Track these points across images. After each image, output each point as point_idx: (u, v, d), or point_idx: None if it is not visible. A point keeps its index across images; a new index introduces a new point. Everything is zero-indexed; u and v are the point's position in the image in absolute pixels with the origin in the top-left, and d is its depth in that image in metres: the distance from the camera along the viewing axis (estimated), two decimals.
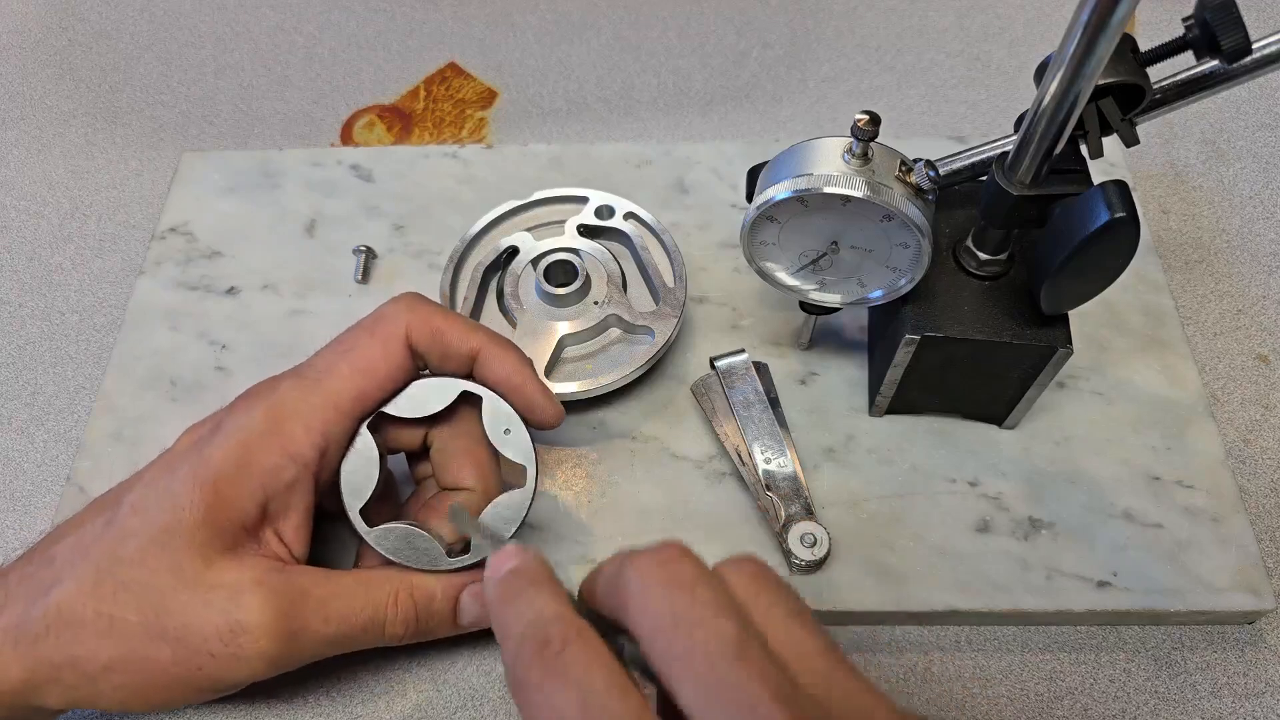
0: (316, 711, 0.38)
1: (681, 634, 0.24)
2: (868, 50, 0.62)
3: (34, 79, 0.62)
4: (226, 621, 0.31)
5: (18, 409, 0.47)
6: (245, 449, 0.32)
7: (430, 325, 0.34)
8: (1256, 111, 0.57)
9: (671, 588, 0.25)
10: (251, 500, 0.32)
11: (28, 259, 0.53)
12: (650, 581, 0.25)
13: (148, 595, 0.31)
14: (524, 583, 0.28)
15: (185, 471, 0.32)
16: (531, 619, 0.26)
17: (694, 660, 0.23)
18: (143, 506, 0.32)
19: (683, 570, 0.25)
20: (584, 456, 0.43)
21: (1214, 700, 0.38)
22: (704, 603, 0.24)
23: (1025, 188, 0.34)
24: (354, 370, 0.34)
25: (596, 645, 0.25)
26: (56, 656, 0.31)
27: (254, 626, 0.31)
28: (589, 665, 0.24)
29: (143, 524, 0.32)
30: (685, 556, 0.26)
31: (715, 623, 0.24)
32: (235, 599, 0.31)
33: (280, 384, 0.34)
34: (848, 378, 0.45)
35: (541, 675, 0.24)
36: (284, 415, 0.33)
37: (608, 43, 0.63)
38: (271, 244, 0.50)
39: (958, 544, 0.40)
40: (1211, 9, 0.31)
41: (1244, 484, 0.43)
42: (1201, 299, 0.49)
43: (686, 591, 0.25)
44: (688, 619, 0.24)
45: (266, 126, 0.59)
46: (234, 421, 0.33)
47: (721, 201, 0.51)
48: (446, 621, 0.35)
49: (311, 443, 0.33)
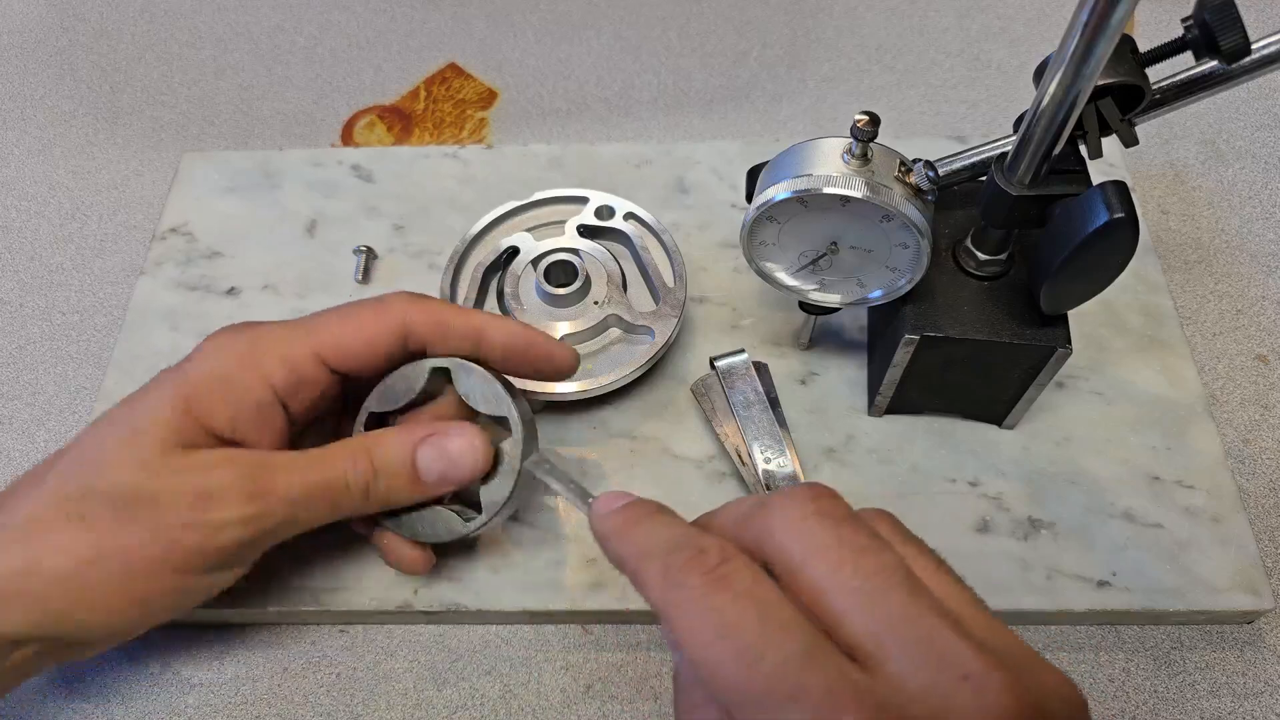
0: (316, 711, 0.38)
1: (849, 560, 0.23)
2: (868, 50, 0.62)
3: (34, 79, 0.62)
4: (193, 490, 0.31)
5: (18, 409, 0.47)
6: (221, 368, 0.33)
7: (432, 315, 0.35)
8: (1256, 111, 0.57)
9: (827, 520, 0.24)
10: (223, 413, 0.33)
11: (28, 259, 0.53)
12: (805, 512, 0.25)
13: (117, 490, 0.31)
14: (647, 511, 0.27)
15: (160, 383, 0.33)
16: (674, 536, 0.25)
17: (864, 588, 0.23)
18: (115, 417, 0.33)
19: (837, 505, 0.25)
20: (584, 456, 0.43)
21: (1213, 700, 0.38)
22: (866, 535, 0.24)
23: (1025, 188, 0.34)
24: (340, 319, 0.35)
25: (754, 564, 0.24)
26: (21, 563, 0.30)
27: (222, 490, 0.31)
28: (756, 578, 0.24)
29: (113, 431, 0.32)
30: (837, 496, 0.26)
31: (881, 553, 0.24)
32: (203, 472, 0.31)
33: (262, 323, 0.35)
34: (848, 378, 0.45)
35: (706, 585, 0.23)
36: (261, 345, 0.34)
37: (608, 43, 0.63)
38: (272, 244, 0.50)
39: (958, 544, 0.40)
40: (1211, 9, 0.31)
41: (1244, 484, 0.43)
42: (1201, 299, 0.49)
43: (846, 522, 0.25)
44: (852, 547, 0.24)
45: (267, 127, 0.59)
46: (213, 344, 0.34)
47: (721, 201, 0.51)
48: (406, 477, 0.34)
49: (286, 374, 0.33)
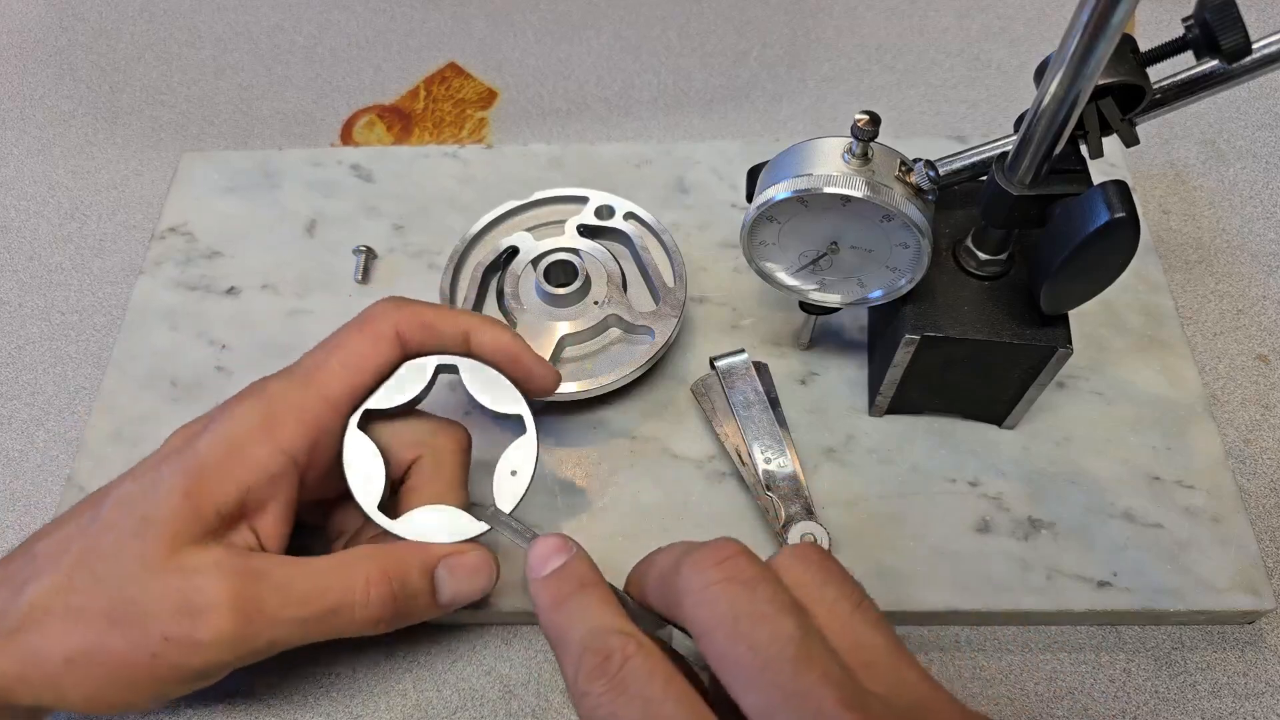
0: (316, 711, 0.38)
1: (743, 634, 0.24)
2: (868, 50, 0.62)
3: (34, 79, 0.62)
4: (178, 602, 0.30)
5: (18, 409, 0.47)
6: (236, 443, 0.32)
7: (419, 318, 0.35)
8: (1256, 111, 0.57)
9: (731, 586, 0.25)
10: (233, 489, 0.31)
11: (28, 259, 0.53)
12: (709, 579, 0.25)
13: (115, 587, 0.30)
14: (574, 586, 0.28)
15: (173, 465, 0.32)
16: (589, 630, 0.26)
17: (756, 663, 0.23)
18: (126, 500, 0.32)
19: (741, 567, 0.25)
20: (584, 456, 0.43)
21: (1214, 700, 0.38)
22: (765, 600, 0.24)
23: (1025, 188, 0.34)
24: (343, 366, 0.34)
25: (656, 657, 0.25)
26: (26, 653, 0.30)
27: (207, 606, 0.30)
28: (650, 678, 0.24)
29: (122, 516, 0.31)
30: (744, 554, 0.26)
31: (776, 622, 0.23)
32: (189, 579, 0.30)
33: (270, 383, 0.34)
34: (848, 378, 0.45)
35: (605, 689, 0.24)
36: (276, 410, 0.33)
37: (608, 43, 0.63)
38: (271, 244, 0.50)
39: (958, 544, 0.40)
40: (1211, 9, 0.31)
41: (1244, 484, 0.43)
42: (1201, 299, 0.49)
43: (747, 589, 0.24)
44: (749, 618, 0.24)
45: (266, 126, 0.59)
46: (225, 416, 0.33)
47: (721, 201, 0.51)
48: (425, 601, 0.34)
49: (303, 434, 0.32)
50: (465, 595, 0.34)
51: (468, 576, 0.34)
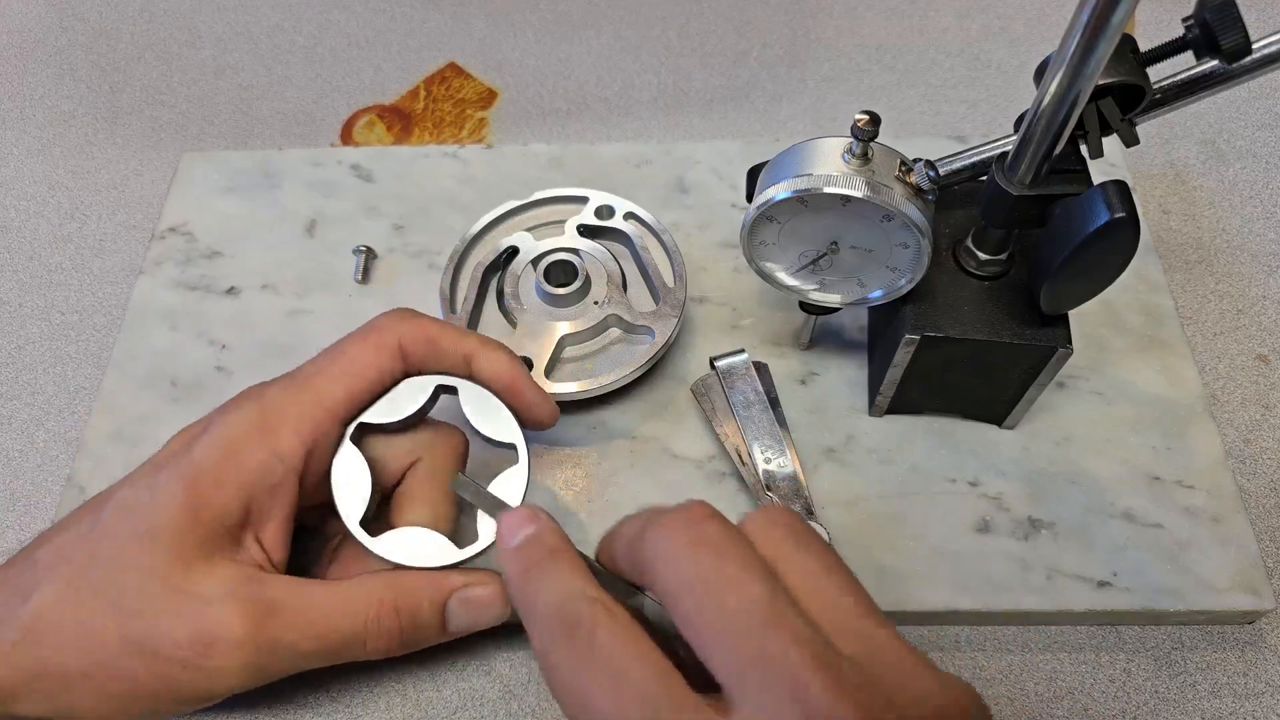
0: (316, 712, 0.38)
1: (711, 599, 0.23)
2: (868, 50, 0.62)
3: (34, 79, 0.62)
4: (197, 633, 0.30)
5: (18, 409, 0.47)
6: (232, 448, 0.32)
7: (424, 333, 0.34)
8: (1256, 111, 0.57)
9: (699, 549, 0.24)
10: (235, 499, 0.31)
11: (28, 259, 0.53)
12: (677, 543, 0.24)
13: (123, 601, 0.30)
14: (543, 554, 0.27)
15: (171, 472, 0.32)
16: (557, 598, 0.25)
17: (725, 627, 0.23)
18: (127, 507, 0.32)
19: (710, 530, 0.25)
20: (584, 456, 0.43)
21: (1214, 700, 0.38)
22: (733, 563, 0.24)
23: (1025, 188, 0.34)
24: (343, 372, 0.33)
25: (625, 623, 0.24)
26: (32, 664, 0.30)
27: (225, 640, 0.30)
28: (620, 645, 0.24)
29: (124, 525, 0.31)
30: (712, 516, 0.25)
31: (745, 584, 0.23)
32: (206, 610, 0.30)
33: (268, 388, 0.34)
34: (848, 378, 0.45)
35: (573, 658, 0.24)
36: (273, 415, 0.32)
37: (608, 43, 0.63)
38: (271, 244, 0.50)
39: (958, 544, 0.40)
40: (1211, 9, 0.31)
41: (1244, 484, 0.43)
42: (1201, 299, 0.49)
43: (714, 553, 0.24)
44: (717, 582, 0.23)
45: (266, 126, 0.59)
46: (222, 421, 0.33)
47: (721, 201, 0.51)
48: (434, 632, 0.34)
49: (300, 442, 0.32)
50: (476, 627, 0.34)
51: (480, 609, 0.34)
